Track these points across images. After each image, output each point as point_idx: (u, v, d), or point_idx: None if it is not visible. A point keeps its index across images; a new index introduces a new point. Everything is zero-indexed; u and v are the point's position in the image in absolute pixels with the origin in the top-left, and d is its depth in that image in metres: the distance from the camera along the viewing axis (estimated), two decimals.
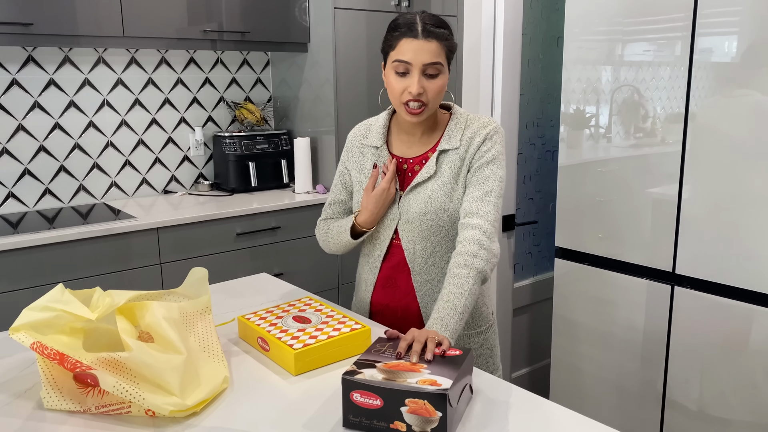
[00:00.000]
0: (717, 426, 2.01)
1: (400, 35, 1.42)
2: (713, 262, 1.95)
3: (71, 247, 2.35)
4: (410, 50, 1.40)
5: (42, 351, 1.12)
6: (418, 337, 1.18)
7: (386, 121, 1.60)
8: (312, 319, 1.41)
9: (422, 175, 1.51)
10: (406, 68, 1.41)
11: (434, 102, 1.45)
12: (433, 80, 1.42)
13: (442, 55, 1.42)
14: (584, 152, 2.28)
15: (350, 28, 2.96)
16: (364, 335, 1.36)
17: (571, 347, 2.43)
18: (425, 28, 1.40)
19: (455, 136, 1.51)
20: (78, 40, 2.48)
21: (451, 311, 1.32)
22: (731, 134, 1.86)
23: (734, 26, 1.82)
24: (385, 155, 1.57)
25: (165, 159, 3.10)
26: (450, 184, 1.49)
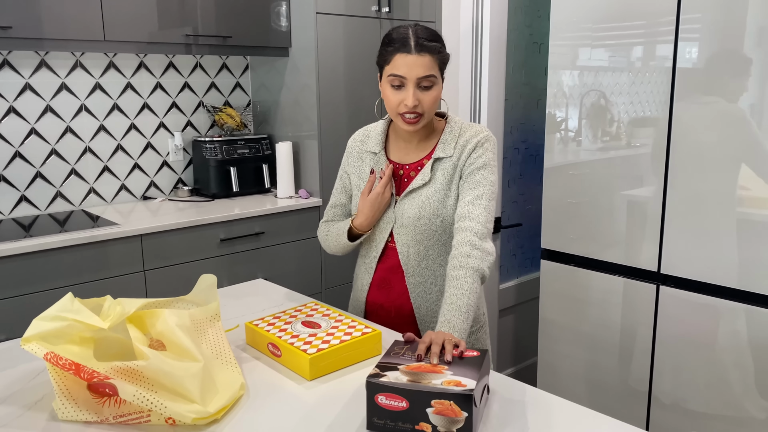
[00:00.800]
0: (702, 421, 2.08)
1: (395, 50, 1.46)
2: (697, 261, 2.02)
3: (50, 256, 2.29)
4: (404, 65, 1.45)
5: (56, 362, 1.10)
6: (435, 340, 1.20)
7: (384, 128, 1.66)
8: (322, 324, 1.41)
9: (417, 181, 1.56)
10: (401, 82, 1.46)
11: (429, 112, 1.51)
12: (427, 92, 1.48)
13: (435, 67, 1.47)
14: (569, 155, 2.34)
15: (332, 33, 2.96)
16: (375, 339, 1.37)
17: (557, 348, 2.48)
18: (418, 43, 1.45)
19: (449, 144, 1.56)
20: (58, 43, 2.43)
21: (456, 312, 1.35)
22: (708, 138, 1.94)
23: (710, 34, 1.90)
24: (382, 161, 1.62)
25: (144, 165, 3.05)
26: (443, 190, 1.54)
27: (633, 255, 2.19)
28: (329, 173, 3.06)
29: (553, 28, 2.31)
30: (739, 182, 1.90)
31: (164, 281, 2.58)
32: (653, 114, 2.08)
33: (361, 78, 3.10)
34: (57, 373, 1.14)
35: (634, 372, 2.25)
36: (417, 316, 1.62)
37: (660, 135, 2.06)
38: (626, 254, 2.21)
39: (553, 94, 2.36)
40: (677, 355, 2.12)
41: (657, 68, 2.06)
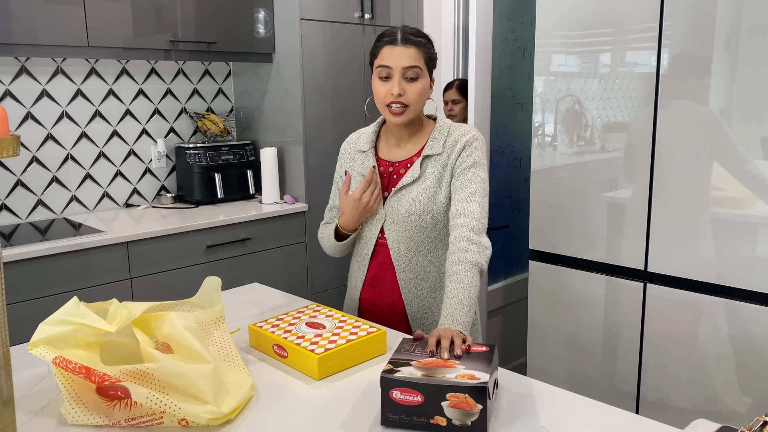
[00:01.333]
0: (685, 417, 2.13)
1: (383, 44, 1.54)
2: (681, 258, 2.08)
3: (32, 265, 2.25)
4: (390, 55, 1.52)
5: (66, 366, 1.08)
6: (444, 335, 1.22)
7: (376, 128, 1.71)
8: (326, 324, 1.42)
9: (407, 178, 1.59)
10: (388, 72, 1.52)
11: (415, 104, 1.54)
12: (413, 83, 1.53)
13: (420, 60, 1.53)
14: (556, 157, 2.39)
15: (315, 39, 2.98)
16: (380, 338, 1.39)
17: (546, 349, 2.51)
18: (404, 36, 1.53)
19: (438, 142, 1.60)
20: (40, 49, 2.39)
21: (458, 305, 1.38)
22: (688, 139, 2.00)
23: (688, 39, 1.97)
24: (371, 159, 1.66)
25: (126, 172, 3.02)
26: (433, 188, 1.57)
27: (620, 254, 2.24)
28: (314, 178, 3.07)
29: (538, 33, 2.36)
30: (713, 182, 1.97)
31: (151, 289, 2.55)
32: (638, 117, 2.14)
33: (344, 83, 3.12)
34: (65, 377, 1.12)
35: (622, 371, 2.29)
36: (408, 312, 1.64)
37: (645, 137, 2.12)
38: (614, 253, 2.25)
39: (538, 99, 2.41)
40: (663, 352, 2.17)
41: (641, 72, 2.11)
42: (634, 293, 2.21)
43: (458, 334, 1.23)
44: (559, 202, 2.38)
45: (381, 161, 1.65)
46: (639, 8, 2.08)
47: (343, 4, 3.05)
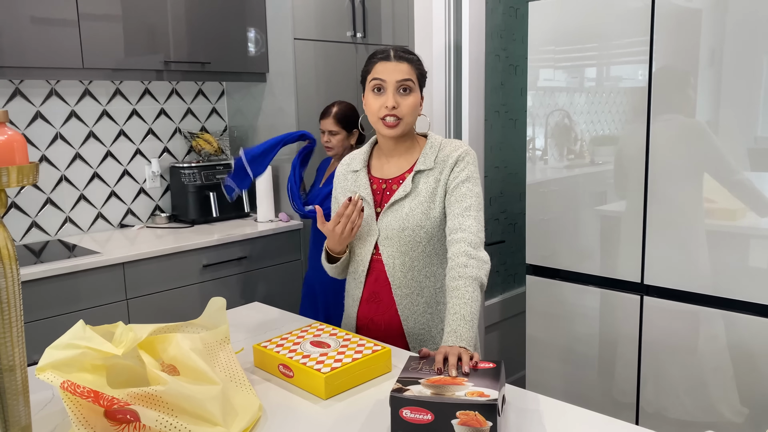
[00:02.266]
0: (691, 429, 2.15)
1: (376, 60, 1.59)
2: (677, 270, 2.10)
3: (26, 288, 2.23)
4: (384, 70, 1.57)
5: (74, 390, 1.08)
6: (451, 352, 1.23)
7: (368, 148, 1.74)
8: (331, 343, 1.42)
9: (399, 193, 1.61)
10: (381, 86, 1.57)
11: (408, 117, 1.58)
12: (406, 96, 1.57)
13: (413, 75, 1.58)
14: (550, 172, 2.41)
15: (308, 58, 3.00)
16: (385, 356, 1.39)
17: (544, 363, 2.52)
18: (396, 53, 1.59)
19: (430, 157, 1.62)
20: (34, 71, 2.40)
21: (461, 321, 1.39)
22: (680, 152, 2.03)
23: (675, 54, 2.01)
24: (362, 177, 1.68)
25: (121, 192, 3.01)
26: (426, 202, 1.59)
27: (617, 267, 2.26)
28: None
29: (531, 49, 2.39)
30: (705, 194, 2.00)
31: (147, 310, 2.54)
32: (629, 130, 2.17)
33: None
34: (73, 402, 1.11)
35: (621, 383, 2.30)
36: (405, 328, 1.65)
37: (638, 150, 2.15)
38: (610, 266, 2.28)
39: (531, 114, 2.44)
40: (661, 364, 2.18)
41: (630, 87, 2.15)
42: (631, 306, 2.23)
43: (465, 351, 1.24)
44: (554, 216, 2.40)
45: (374, 179, 1.68)
46: (628, 24, 2.12)
47: (335, 24, 3.08)
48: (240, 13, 2.97)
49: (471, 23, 2.65)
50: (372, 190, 1.66)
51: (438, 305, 1.64)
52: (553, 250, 2.42)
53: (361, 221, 1.59)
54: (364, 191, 1.65)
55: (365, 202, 1.65)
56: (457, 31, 3.08)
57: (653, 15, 2.06)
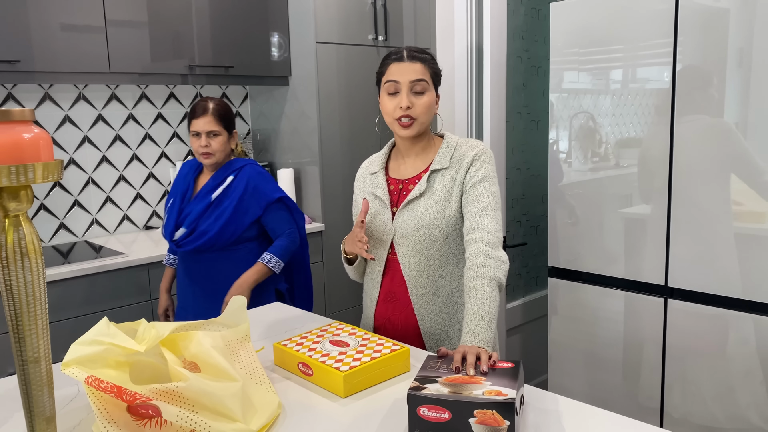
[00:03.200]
0: None
1: (390, 61, 1.60)
2: (702, 273, 2.07)
3: (55, 287, 2.28)
4: (398, 71, 1.57)
5: (98, 385, 1.10)
6: (469, 351, 1.23)
7: (387, 150, 1.75)
8: (350, 342, 1.43)
9: (414, 192, 1.62)
10: (395, 87, 1.57)
11: (423, 116, 1.58)
12: (420, 96, 1.57)
13: (427, 74, 1.58)
14: (572, 174, 2.40)
15: (330, 61, 3.02)
16: (404, 356, 1.39)
17: (567, 366, 2.50)
18: (410, 53, 1.59)
19: (445, 156, 1.63)
20: (64, 76, 2.45)
21: (479, 321, 1.39)
22: (706, 154, 2.00)
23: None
24: (380, 178, 1.69)
25: (146, 194, 3.06)
26: (442, 201, 1.59)
27: (640, 269, 2.23)
28: (331, 198, 3.09)
29: (552, 51, 2.38)
30: (732, 197, 1.97)
31: None
32: (654, 132, 2.15)
33: (359, 104, 3.16)
34: (97, 397, 1.14)
35: (645, 387, 2.27)
36: (422, 328, 1.65)
37: (662, 152, 2.13)
38: (633, 269, 2.25)
39: (554, 116, 2.42)
40: (687, 368, 2.15)
41: (654, 88, 2.13)
42: (655, 309, 2.21)
43: (484, 350, 1.24)
44: (577, 219, 2.38)
45: (391, 180, 1.69)
46: (652, 25, 2.10)
47: (356, 27, 3.10)
48: (263, 17, 3.00)
49: (492, 25, 2.65)
50: (389, 191, 1.67)
51: (455, 305, 1.63)
52: (575, 252, 2.40)
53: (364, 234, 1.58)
54: (381, 192, 1.66)
55: (382, 203, 1.65)
56: (478, 33, 3.07)
57: (677, 15, 2.04)
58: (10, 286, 0.80)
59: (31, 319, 0.82)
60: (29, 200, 0.82)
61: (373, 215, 1.67)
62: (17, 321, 0.81)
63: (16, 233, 0.81)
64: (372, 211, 1.67)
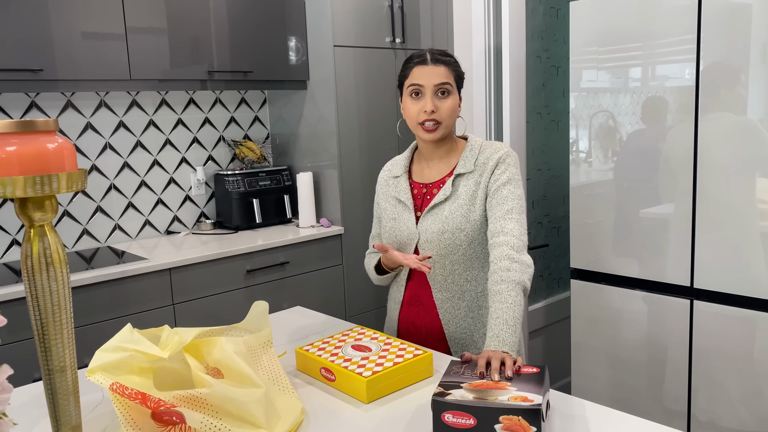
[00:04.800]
0: None
1: (413, 65, 1.58)
2: (729, 274, 2.03)
3: (78, 293, 2.30)
4: (421, 75, 1.55)
5: (122, 392, 1.10)
6: (493, 356, 1.21)
7: (409, 154, 1.74)
8: (372, 347, 1.42)
9: (439, 196, 1.60)
10: (419, 90, 1.56)
11: (448, 120, 1.57)
12: (444, 100, 1.56)
13: (450, 77, 1.57)
14: (594, 174, 2.37)
15: (348, 64, 3.02)
16: (427, 361, 1.38)
17: (590, 369, 2.47)
18: (433, 57, 1.57)
19: (470, 160, 1.61)
20: (85, 84, 2.48)
21: (503, 325, 1.37)
22: (732, 152, 1.97)
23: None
24: (403, 182, 1.68)
25: (167, 200, 3.09)
26: (466, 205, 1.57)
27: (665, 270, 2.20)
28: (350, 202, 3.09)
29: (572, 50, 2.36)
30: (758, 195, 1.93)
31: (193, 314, 2.58)
32: (677, 130, 2.11)
33: (377, 106, 3.15)
34: (121, 403, 1.14)
35: (671, 390, 2.24)
36: (446, 332, 1.64)
37: (686, 151, 2.09)
38: (658, 270, 2.22)
39: (574, 116, 2.40)
40: (714, 371, 2.11)
41: (676, 86, 2.09)
42: (681, 310, 2.17)
43: (508, 355, 1.22)
44: (599, 219, 2.35)
45: (414, 184, 1.67)
46: (674, 22, 2.07)
47: (374, 30, 3.10)
48: (281, 22, 3.01)
49: (511, 25, 2.63)
50: (412, 195, 1.66)
51: (480, 309, 1.62)
52: (598, 253, 2.37)
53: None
54: (405, 196, 1.65)
55: (405, 208, 1.64)
56: (496, 33, 3.05)
57: (700, 12, 2.01)
58: (36, 295, 0.81)
59: (56, 329, 0.82)
60: (54, 210, 0.82)
61: (396, 219, 1.66)
62: (43, 330, 0.82)
63: (41, 243, 0.82)
64: (395, 216, 1.66)
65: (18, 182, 0.78)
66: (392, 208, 1.68)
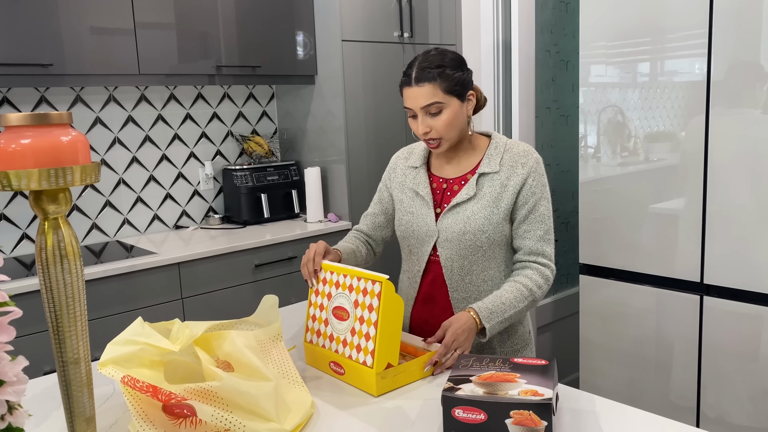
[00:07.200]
0: None
1: (403, 84, 1.54)
2: (740, 270, 2.02)
3: (88, 287, 2.31)
4: (409, 97, 1.52)
5: (134, 385, 1.11)
6: (450, 330, 1.41)
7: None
8: (346, 307, 1.38)
9: (462, 195, 1.56)
10: (412, 112, 1.53)
11: (448, 134, 1.53)
12: (437, 117, 1.51)
13: (437, 93, 1.49)
14: (603, 169, 2.36)
15: (356, 59, 3.02)
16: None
17: (598, 364, 2.46)
18: (417, 75, 1.50)
19: (495, 159, 1.57)
20: (94, 79, 2.49)
21: (495, 298, 1.48)
22: (744, 148, 1.95)
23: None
24: (422, 175, 1.64)
25: (175, 194, 3.09)
26: (489, 207, 1.54)
27: (674, 266, 2.19)
28: (357, 196, 3.09)
29: (582, 45, 2.35)
30: None
31: (201, 308, 2.59)
32: (688, 126, 2.10)
33: (385, 101, 3.15)
34: (133, 396, 1.15)
35: (680, 386, 2.23)
36: None
37: (696, 146, 2.08)
38: (667, 265, 2.21)
39: (584, 111, 2.39)
40: (723, 367, 2.10)
41: (686, 81, 2.08)
42: (690, 306, 2.16)
43: (464, 340, 1.39)
44: (608, 214, 2.34)
45: (434, 177, 1.64)
46: (685, 16, 2.06)
47: (382, 24, 3.09)
48: (288, 16, 3.01)
49: (520, 19, 2.62)
50: (431, 189, 1.63)
51: None
52: (607, 248, 2.36)
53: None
54: (424, 190, 1.62)
55: (424, 202, 1.61)
56: (505, 28, 3.04)
57: (712, 5, 1.99)
58: (50, 287, 0.81)
59: (70, 321, 0.83)
60: (68, 203, 0.83)
61: (414, 214, 1.63)
62: (57, 322, 0.82)
63: (55, 236, 0.82)
64: (413, 210, 1.63)
65: (33, 175, 0.78)
66: (409, 200, 1.65)
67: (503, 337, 1.61)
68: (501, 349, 1.61)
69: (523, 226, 1.55)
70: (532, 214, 1.54)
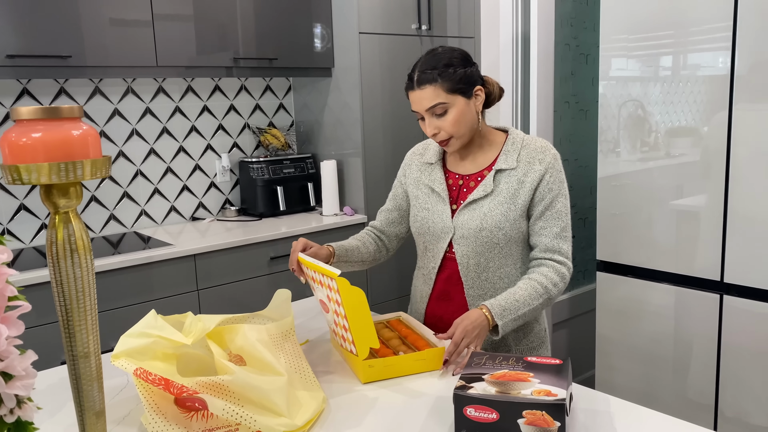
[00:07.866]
0: None
1: (407, 88, 1.55)
2: (761, 269, 1.98)
3: (105, 278, 2.33)
4: (414, 101, 1.53)
5: (146, 377, 1.12)
6: (460, 327, 1.40)
7: None
8: (326, 303, 1.40)
9: (479, 192, 1.54)
10: (419, 114, 1.53)
11: (457, 133, 1.51)
12: (443, 118, 1.50)
13: (440, 94, 1.48)
14: (622, 165, 2.32)
15: (373, 52, 3.00)
16: (438, 354, 1.38)
17: (615, 362, 2.44)
18: (418, 78, 1.51)
19: (512, 155, 1.55)
20: (113, 71, 2.50)
21: (509, 295, 1.47)
22: (765, 142, 1.91)
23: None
24: (438, 171, 1.63)
25: (192, 186, 3.11)
26: (506, 203, 1.52)
27: (694, 264, 2.15)
28: (374, 189, 3.08)
29: (602, 38, 2.31)
30: None
31: (217, 300, 2.61)
32: (711, 121, 2.06)
33: (402, 95, 3.11)
34: (145, 389, 1.15)
35: (698, 385, 2.20)
36: None
37: (719, 142, 2.04)
38: (686, 263, 2.17)
39: (603, 105, 2.35)
40: (742, 367, 2.07)
41: (710, 75, 2.04)
42: (710, 305, 2.12)
43: (474, 337, 1.38)
44: (627, 211, 2.31)
45: (450, 174, 1.62)
46: (708, 8, 2.01)
47: (400, 17, 3.07)
48: (306, 9, 3.00)
49: (540, 11, 2.58)
50: (447, 185, 1.61)
51: None
52: (625, 245, 2.33)
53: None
54: (439, 186, 1.60)
55: (440, 198, 1.60)
56: (525, 21, 3.00)
57: None
58: (61, 281, 0.81)
59: (80, 315, 0.83)
60: (78, 197, 0.83)
61: (429, 210, 1.61)
62: (67, 316, 0.82)
63: (65, 230, 0.82)
64: (428, 206, 1.62)
65: (43, 169, 0.78)
66: (425, 197, 1.63)
67: (519, 336, 1.59)
68: (516, 347, 1.59)
69: (539, 223, 1.53)
70: (548, 211, 1.52)
